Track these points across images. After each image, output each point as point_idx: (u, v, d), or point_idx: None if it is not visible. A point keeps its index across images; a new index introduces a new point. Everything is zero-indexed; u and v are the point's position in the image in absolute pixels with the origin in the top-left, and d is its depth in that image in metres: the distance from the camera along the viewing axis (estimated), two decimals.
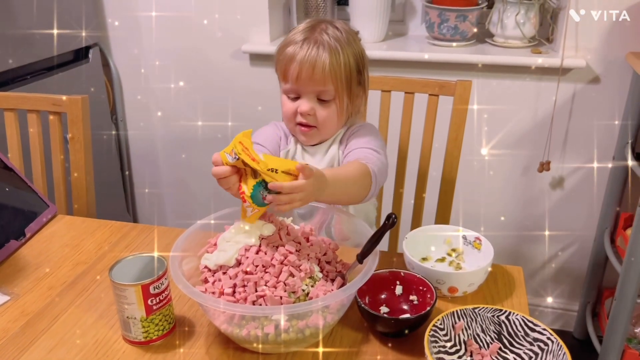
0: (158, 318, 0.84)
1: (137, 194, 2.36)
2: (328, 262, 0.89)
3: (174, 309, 0.88)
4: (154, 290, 0.82)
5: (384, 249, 1.40)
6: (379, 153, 1.07)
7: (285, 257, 0.82)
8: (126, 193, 2.31)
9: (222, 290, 0.81)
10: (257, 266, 0.81)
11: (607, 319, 1.66)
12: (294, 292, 0.80)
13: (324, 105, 1.06)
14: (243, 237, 0.84)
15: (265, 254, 0.82)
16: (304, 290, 0.81)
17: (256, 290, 0.79)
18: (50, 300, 0.96)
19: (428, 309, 0.83)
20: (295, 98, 1.07)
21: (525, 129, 1.81)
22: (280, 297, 0.78)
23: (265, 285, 0.79)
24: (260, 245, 0.84)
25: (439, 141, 1.33)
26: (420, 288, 0.90)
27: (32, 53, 1.73)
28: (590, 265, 1.90)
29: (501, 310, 0.81)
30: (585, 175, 1.82)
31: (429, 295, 0.88)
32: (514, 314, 0.81)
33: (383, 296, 0.91)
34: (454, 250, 1.03)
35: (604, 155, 1.77)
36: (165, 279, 0.84)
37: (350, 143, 1.11)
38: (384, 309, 0.89)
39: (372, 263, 0.82)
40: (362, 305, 0.84)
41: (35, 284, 1.00)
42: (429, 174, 1.36)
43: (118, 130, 2.20)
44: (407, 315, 0.87)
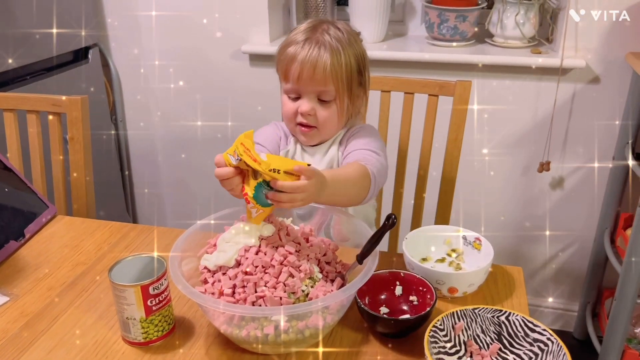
0: (157, 319, 0.84)
1: (137, 194, 2.36)
2: (328, 263, 0.89)
3: (174, 310, 0.88)
4: (154, 291, 0.82)
5: (384, 249, 1.40)
6: (378, 155, 1.07)
7: (285, 258, 0.82)
8: (126, 193, 2.31)
9: (222, 290, 0.81)
10: (257, 267, 0.81)
11: (607, 319, 1.66)
12: (293, 293, 0.80)
13: (324, 106, 1.06)
14: (243, 238, 0.84)
15: (265, 254, 0.82)
16: (303, 290, 0.81)
17: (256, 291, 0.79)
18: (49, 301, 0.96)
19: (428, 309, 0.83)
20: (295, 98, 1.07)
21: (525, 129, 1.81)
22: (280, 298, 0.78)
23: (265, 285, 0.79)
24: (260, 245, 0.84)
25: (439, 141, 1.33)
26: (420, 288, 0.90)
27: (32, 53, 1.73)
28: (590, 266, 1.90)
29: (501, 310, 0.81)
30: (585, 176, 1.82)
31: (428, 296, 0.88)
32: (514, 314, 0.81)
33: (383, 297, 0.91)
34: (453, 251, 1.03)
35: (603, 155, 1.77)
36: (165, 279, 0.83)
37: (349, 144, 1.11)
38: (383, 310, 0.89)
39: (372, 263, 0.82)
40: (362, 305, 0.84)
41: (35, 284, 1.00)
42: (428, 174, 1.35)
43: (118, 131, 2.20)
44: (407, 316, 0.87)
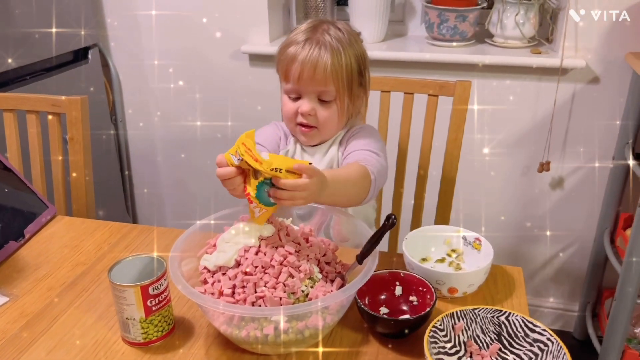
0: (157, 319, 0.84)
1: (137, 194, 2.36)
2: (327, 263, 0.89)
3: (173, 310, 0.88)
4: (153, 291, 0.81)
5: (384, 249, 1.40)
6: (378, 155, 1.07)
7: (285, 258, 0.82)
8: (126, 193, 2.31)
9: (222, 291, 0.81)
10: (257, 267, 0.81)
11: (607, 319, 1.66)
12: (293, 293, 0.80)
13: (324, 106, 1.06)
14: (242, 238, 0.84)
15: (265, 254, 0.82)
16: (303, 291, 0.81)
17: (255, 291, 0.79)
18: (49, 301, 0.96)
19: (428, 309, 0.83)
20: (296, 98, 1.07)
21: (525, 129, 1.81)
22: (280, 298, 0.78)
23: (265, 286, 0.79)
24: (259, 246, 0.84)
25: (439, 141, 1.33)
26: (420, 289, 0.90)
27: (32, 54, 1.73)
28: (590, 266, 1.90)
29: (501, 311, 0.81)
30: (585, 176, 1.82)
31: (428, 296, 0.88)
32: (513, 314, 0.80)
33: (383, 297, 0.91)
34: (453, 251, 1.03)
35: (603, 155, 1.77)
36: (165, 279, 0.83)
37: (350, 145, 1.11)
38: (383, 310, 0.89)
39: (372, 264, 0.82)
40: (362, 306, 0.84)
41: (35, 285, 1.00)
42: (428, 174, 1.35)
43: (117, 131, 2.20)
44: (407, 316, 0.87)
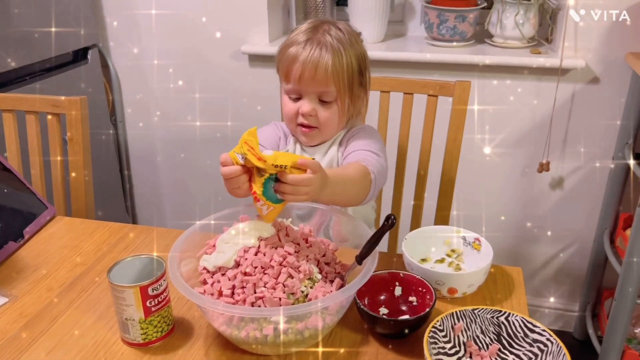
0: (157, 320, 0.83)
1: (137, 194, 2.36)
2: (327, 264, 0.89)
3: (173, 311, 0.88)
4: (153, 291, 0.81)
5: (384, 250, 1.40)
6: (378, 156, 1.07)
7: (284, 259, 0.82)
8: (125, 194, 2.31)
9: (221, 291, 0.81)
10: (256, 267, 0.81)
11: (607, 319, 1.66)
12: (292, 294, 0.79)
13: (325, 106, 1.06)
14: (242, 239, 0.84)
15: (264, 255, 0.82)
16: (302, 291, 0.81)
17: (255, 292, 0.79)
18: (48, 301, 0.96)
19: (427, 310, 0.83)
20: (296, 99, 1.07)
21: (525, 129, 1.81)
22: (279, 299, 0.78)
23: (264, 286, 0.79)
24: (259, 246, 0.83)
25: (438, 142, 1.33)
26: (420, 289, 0.89)
27: (31, 54, 1.73)
28: (590, 266, 1.90)
29: (500, 311, 0.81)
30: (585, 176, 1.82)
31: (428, 297, 0.88)
32: (513, 315, 0.80)
33: (382, 297, 0.91)
34: (453, 251, 1.03)
35: (603, 155, 1.77)
36: (164, 280, 0.83)
37: (350, 145, 1.11)
38: (383, 310, 0.89)
39: (371, 264, 0.82)
40: (362, 306, 0.84)
41: (34, 285, 1.00)
42: (428, 174, 1.35)
43: (117, 131, 2.20)
44: (407, 317, 0.87)
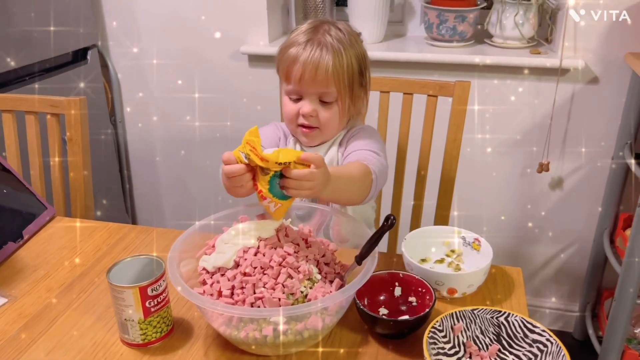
0: (156, 320, 0.83)
1: (136, 195, 2.36)
2: (327, 264, 0.89)
3: (172, 311, 0.88)
4: (152, 292, 0.81)
5: (383, 250, 1.40)
6: (379, 155, 1.07)
7: (284, 259, 0.82)
8: (125, 194, 2.30)
9: (220, 292, 0.80)
10: (256, 268, 0.81)
11: (607, 319, 1.66)
12: (292, 294, 0.79)
13: (326, 107, 1.06)
14: (241, 239, 0.84)
15: (264, 255, 0.82)
16: (302, 292, 0.81)
17: (254, 292, 0.79)
18: (48, 302, 0.96)
19: (427, 310, 0.83)
20: (297, 99, 1.07)
21: (525, 129, 1.81)
22: (279, 299, 0.78)
23: (264, 287, 0.79)
24: (258, 246, 0.83)
25: (438, 142, 1.33)
26: (419, 289, 0.89)
27: (31, 54, 1.73)
28: (589, 266, 1.89)
29: (500, 311, 0.81)
30: (585, 176, 1.82)
31: (428, 297, 0.88)
32: (513, 315, 0.80)
33: (382, 298, 0.91)
34: (453, 252, 1.02)
35: (603, 155, 1.77)
36: (163, 280, 0.83)
37: (350, 145, 1.11)
38: (382, 311, 0.89)
39: (371, 264, 0.82)
40: (361, 306, 0.84)
41: (33, 286, 1.00)
42: (428, 174, 1.35)
43: (117, 131, 2.20)
44: (406, 317, 0.86)
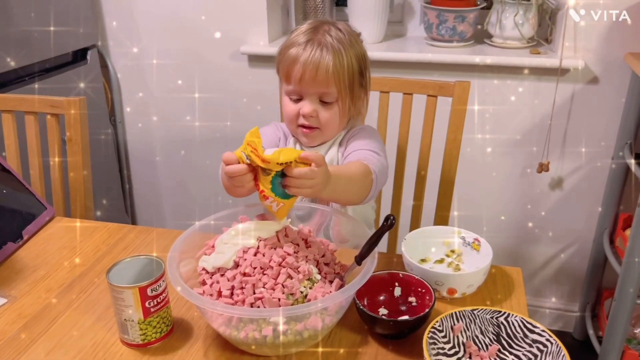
0: (156, 320, 0.83)
1: (136, 195, 2.36)
2: (326, 264, 0.89)
3: (172, 311, 0.88)
4: (152, 292, 0.81)
5: (383, 250, 1.40)
6: (379, 155, 1.07)
7: (284, 259, 0.82)
8: (125, 194, 2.30)
9: (220, 292, 0.80)
10: (255, 268, 0.81)
11: (607, 319, 1.66)
12: (292, 294, 0.79)
13: (326, 107, 1.06)
14: (241, 239, 0.84)
15: (264, 255, 0.82)
16: (302, 292, 0.80)
17: (254, 292, 0.79)
18: (47, 302, 0.95)
19: (427, 310, 0.83)
20: (297, 100, 1.07)
21: (524, 129, 1.81)
22: (279, 299, 0.78)
23: (264, 287, 0.79)
24: (258, 247, 0.83)
25: (438, 142, 1.33)
26: (419, 289, 0.89)
27: (31, 54, 1.73)
28: (589, 266, 1.89)
29: (500, 311, 0.81)
30: (585, 176, 1.82)
31: (427, 297, 0.88)
32: (512, 315, 0.80)
33: (382, 298, 0.91)
34: (452, 252, 1.02)
35: (603, 155, 1.77)
36: (163, 281, 0.83)
37: (350, 145, 1.11)
38: (382, 311, 0.89)
39: (371, 264, 0.82)
40: (361, 307, 0.84)
41: (33, 286, 1.00)
42: (427, 175, 1.35)
43: (116, 131, 2.20)
44: (406, 317, 0.86)
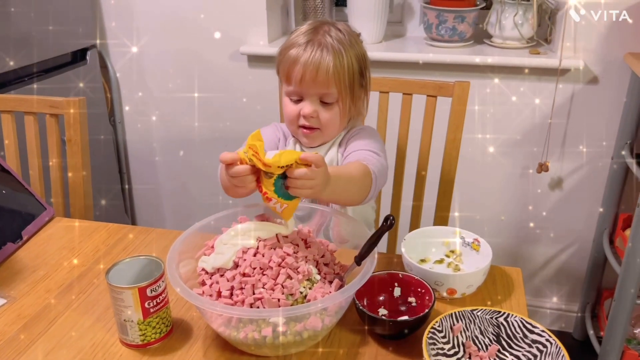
0: (155, 321, 0.83)
1: (136, 195, 2.36)
2: (326, 264, 0.89)
3: (171, 312, 0.88)
4: (151, 292, 0.81)
5: (383, 250, 1.40)
6: (379, 155, 1.07)
7: (283, 259, 0.82)
8: (124, 195, 2.30)
9: (220, 292, 0.80)
10: (255, 268, 0.81)
11: (607, 319, 1.66)
12: (291, 295, 0.79)
13: (326, 108, 1.06)
14: (241, 239, 0.84)
15: (263, 256, 0.82)
16: (301, 292, 0.80)
17: (254, 293, 0.79)
18: (47, 303, 0.95)
19: (426, 311, 0.83)
20: (297, 100, 1.07)
21: (524, 129, 1.81)
22: (278, 300, 0.78)
23: (263, 287, 0.79)
24: (257, 247, 0.83)
25: (438, 142, 1.33)
26: (419, 290, 0.89)
27: (30, 55, 1.72)
28: (589, 266, 1.89)
29: (500, 311, 0.81)
30: (584, 176, 1.82)
31: (427, 297, 0.87)
32: (512, 315, 0.80)
33: (381, 298, 0.91)
34: (452, 252, 1.02)
35: (602, 155, 1.77)
36: (162, 281, 0.83)
37: (349, 145, 1.10)
38: (382, 311, 0.89)
39: (370, 265, 0.82)
40: (361, 307, 0.84)
41: (32, 286, 1.00)
42: (427, 175, 1.35)
43: (116, 132, 2.20)
44: (406, 317, 0.86)
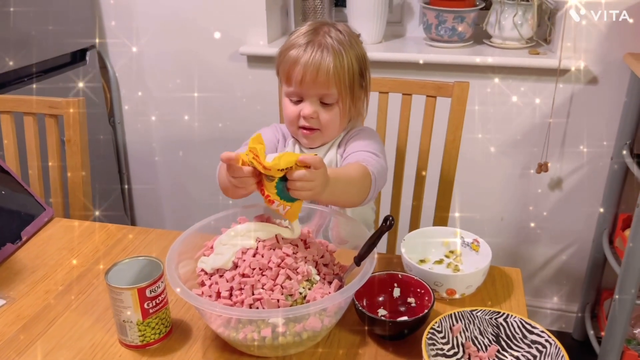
0: (154, 321, 0.83)
1: (135, 196, 2.36)
2: (325, 265, 0.89)
3: (171, 313, 0.88)
4: (150, 293, 0.81)
5: (382, 251, 1.40)
6: (378, 156, 1.06)
7: (283, 260, 0.82)
8: (124, 195, 2.30)
9: (219, 293, 0.80)
10: (254, 269, 0.80)
11: (606, 320, 1.66)
12: (291, 295, 0.79)
13: (326, 109, 1.06)
14: (240, 240, 0.84)
15: (262, 256, 0.82)
16: (301, 293, 0.80)
17: (253, 293, 0.79)
18: (46, 303, 0.95)
19: (426, 311, 0.83)
20: (297, 101, 1.07)
21: (523, 130, 1.81)
22: (277, 300, 0.78)
23: (262, 288, 0.79)
24: (257, 247, 0.83)
25: (437, 142, 1.33)
26: (418, 290, 0.89)
27: (29, 55, 1.72)
28: (589, 266, 1.89)
29: (499, 312, 0.81)
30: (584, 176, 1.82)
31: (426, 298, 0.87)
32: (512, 316, 0.80)
33: (381, 299, 0.91)
34: (452, 252, 1.02)
35: (602, 155, 1.77)
36: (162, 282, 0.83)
37: (349, 146, 1.10)
38: (381, 312, 0.89)
39: (370, 265, 0.82)
40: (360, 307, 0.84)
41: (32, 287, 1.00)
42: (427, 175, 1.35)
43: (115, 132, 2.19)
44: (405, 318, 0.86)
